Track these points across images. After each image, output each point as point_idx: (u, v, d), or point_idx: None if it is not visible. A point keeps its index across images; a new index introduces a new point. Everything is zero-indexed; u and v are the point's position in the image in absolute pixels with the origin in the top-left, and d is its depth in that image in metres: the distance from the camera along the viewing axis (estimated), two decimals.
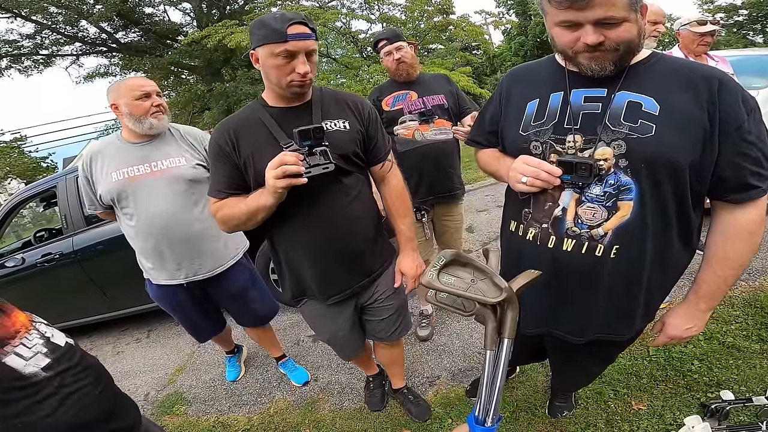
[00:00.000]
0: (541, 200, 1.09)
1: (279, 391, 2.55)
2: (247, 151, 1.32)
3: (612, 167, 0.97)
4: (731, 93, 0.91)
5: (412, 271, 1.62)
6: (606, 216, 1.00)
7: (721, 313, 2.29)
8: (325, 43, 12.16)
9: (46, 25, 13.89)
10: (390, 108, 2.31)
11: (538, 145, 1.08)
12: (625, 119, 0.95)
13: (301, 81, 1.27)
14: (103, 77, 16.37)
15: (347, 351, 1.88)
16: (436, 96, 2.31)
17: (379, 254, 1.61)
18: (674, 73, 0.96)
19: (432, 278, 0.74)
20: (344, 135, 1.39)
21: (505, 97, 1.21)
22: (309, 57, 1.26)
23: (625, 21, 0.87)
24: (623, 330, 1.18)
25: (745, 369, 1.90)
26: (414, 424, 2.06)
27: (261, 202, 1.24)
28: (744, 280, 2.54)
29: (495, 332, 0.76)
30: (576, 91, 1.02)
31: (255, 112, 1.37)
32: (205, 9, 15.83)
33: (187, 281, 2.06)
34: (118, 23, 14.90)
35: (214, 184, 1.38)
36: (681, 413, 1.75)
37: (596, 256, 1.03)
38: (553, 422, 1.87)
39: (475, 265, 0.76)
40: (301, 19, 1.22)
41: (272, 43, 1.20)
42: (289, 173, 1.15)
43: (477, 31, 12.31)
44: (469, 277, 0.75)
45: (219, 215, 1.37)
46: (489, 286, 0.74)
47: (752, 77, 3.49)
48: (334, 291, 1.54)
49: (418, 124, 2.27)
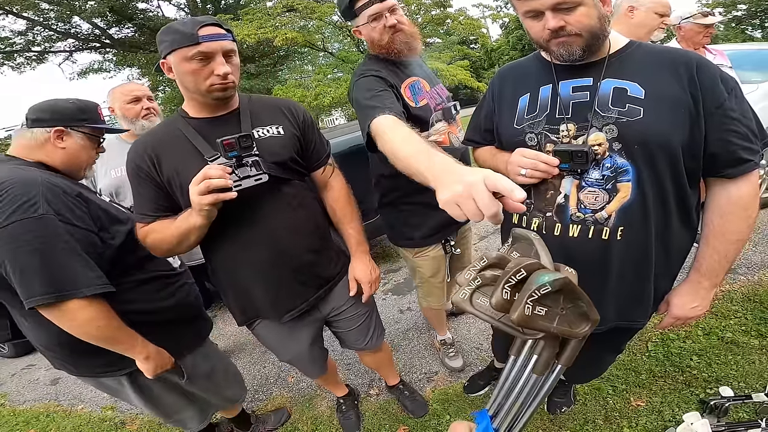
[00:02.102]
0: (542, 190, 1.12)
1: (276, 388, 2.54)
2: (169, 169, 1.21)
3: (607, 151, 1.01)
4: (710, 73, 0.96)
5: (367, 277, 1.51)
6: (608, 199, 1.03)
7: (719, 308, 2.29)
8: (322, 37, 12.08)
9: (38, 21, 13.73)
10: (415, 104, 1.60)
11: (533, 136, 1.12)
12: (613, 104, 1.00)
13: (223, 84, 1.17)
14: (96, 73, 16.25)
15: (312, 370, 1.79)
16: (441, 85, 1.79)
17: (331, 263, 1.51)
18: (654, 58, 1.01)
19: (529, 313, 0.55)
20: (278, 141, 1.30)
21: (497, 95, 1.26)
22: (228, 58, 1.17)
23: (581, 5, 0.93)
24: (639, 316, 1.19)
25: (744, 365, 1.90)
26: (411, 420, 2.05)
27: (190, 223, 1.15)
28: (743, 275, 2.54)
29: (552, 359, 0.67)
30: (564, 83, 1.07)
31: (176, 126, 1.26)
32: (199, 4, 15.71)
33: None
34: (111, 19, 14.72)
35: (138, 207, 1.27)
36: (680, 409, 1.74)
37: (603, 239, 1.05)
38: (551, 418, 1.86)
39: (574, 290, 0.59)
40: (214, 21, 1.15)
41: (184, 47, 1.11)
42: (214, 188, 1.06)
43: (475, 24, 12.24)
44: (559, 306, 0.58)
45: (148, 241, 1.25)
46: (577, 316, 0.60)
47: (750, 72, 3.48)
48: (288, 307, 1.43)
49: (447, 126, 1.70)
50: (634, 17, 2.01)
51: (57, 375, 3.37)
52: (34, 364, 3.69)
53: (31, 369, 3.62)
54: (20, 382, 3.44)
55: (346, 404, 2.16)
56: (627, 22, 2.02)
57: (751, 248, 2.80)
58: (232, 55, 1.19)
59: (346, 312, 1.59)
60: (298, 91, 10.29)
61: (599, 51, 1.03)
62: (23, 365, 3.72)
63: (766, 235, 2.92)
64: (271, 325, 1.51)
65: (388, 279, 3.61)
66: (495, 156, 1.27)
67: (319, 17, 10.61)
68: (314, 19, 10.84)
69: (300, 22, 11.03)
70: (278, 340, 1.60)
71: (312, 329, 1.59)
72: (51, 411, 2.90)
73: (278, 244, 1.33)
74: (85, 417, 2.74)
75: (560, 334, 0.60)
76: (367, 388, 2.35)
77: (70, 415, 2.82)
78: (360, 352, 1.83)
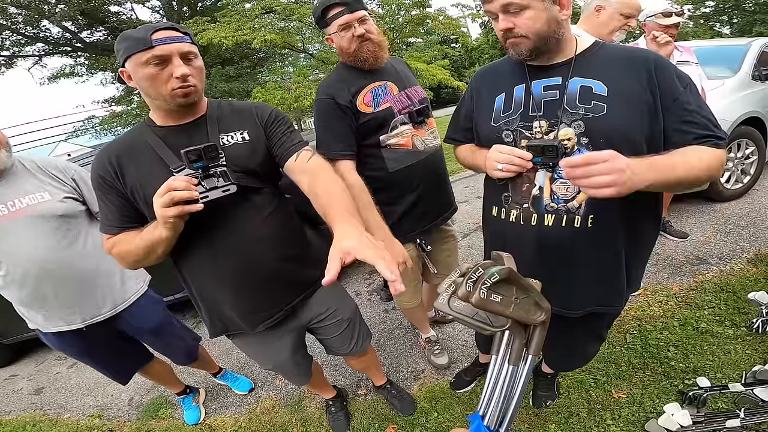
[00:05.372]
0: (519, 183, 1.19)
1: (265, 391, 2.54)
2: (133, 179, 1.17)
3: (575, 145, 1.08)
4: (667, 71, 1.04)
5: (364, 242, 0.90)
6: (577, 189, 1.10)
7: (693, 298, 2.37)
8: (302, 38, 12.00)
9: (6, 26, 13.33)
10: (374, 109, 1.63)
11: (509, 133, 1.19)
12: (579, 102, 1.07)
13: (184, 87, 1.12)
14: (68, 78, 15.81)
15: (296, 378, 1.77)
16: (417, 87, 1.78)
17: (309, 269, 1.45)
18: (616, 57, 1.09)
19: (484, 297, 0.67)
20: (244, 148, 1.25)
21: (475, 95, 1.33)
22: (187, 61, 1.13)
23: (528, 8, 1.01)
24: (614, 300, 1.24)
25: (720, 355, 1.96)
26: (400, 418, 2.07)
27: (155, 236, 1.12)
28: (715, 265, 2.63)
29: (521, 349, 0.76)
30: (536, 82, 1.15)
31: (141, 135, 1.22)
32: (175, 6, 15.45)
33: (86, 324, 1.82)
34: (82, 22, 14.35)
35: (104, 218, 1.24)
36: (660, 400, 1.79)
37: (575, 227, 1.13)
38: (537, 412, 1.90)
39: (521, 282, 0.72)
40: (169, 25, 1.12)
41: (138, 53, 1.08)
42: (178, 200, 1.02)
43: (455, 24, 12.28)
44: (513, 295, 0.71)
45: (114, 252, 1.23)
46: (531, 305, 0.72)
47: (717, 67, 3.60)
48: (262, 317, 1.40)
49: (413, 128, 1.71)
50: (599, 16, 2.06)
51: (40, 384, 3.31)
52: (17, 374, 3.62)
53: (14, 379, 3.55)
54: (3, 393, 3.38)
55: (335, 405, 2.16)
56: (592, 20, 2.08)
57: (723, 239, 2.90)
58: (191, 57, 1.14)
59: (327, 319, 1.57)
60: (279, 93, 10.18)
61: (561, 52, 1.12)
62: (6, 375, 3.65)
63: (737, 226, 3.03)
64: (245, 336, 1.49)
65: (372, 279, 3.62)
66: (474, 153, 1.35)
67: (298, 18, 10.51)
68: (293, 20, 10.75)
69: (279, 24, 10.94)
70: (257, 349, 1.58)
71: (292, 337, 1.56)
72: (37, 420, 2.86)
73: (248, 254, 1.29)
74: (72, 425, 2.69)
75: (519, 319, 0.72)
76: (355, 389, 2.36)
77: (57, 424, 2.77)
78: (346, 356, 1.82)
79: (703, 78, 2.67)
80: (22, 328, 3.55)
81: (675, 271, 2.67)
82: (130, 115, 14.92)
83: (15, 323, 3.50)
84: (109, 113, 15.66)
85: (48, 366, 3.61)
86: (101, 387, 3.05)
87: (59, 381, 3.31)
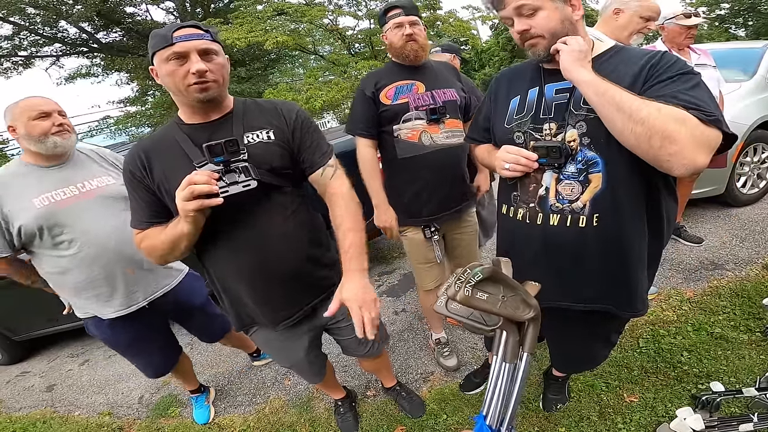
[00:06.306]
0: (527, 183, 1.22)
1: (274, 391, 2.55)
2: (159, 174, 1.20)
3: (578, 146, 1.11)
4: (664, 60, 1.01)
5: (360, 295, 1.20)
6: (581, 189, 1.12)
7: (708, 304, 2.33)
8: (313, 40, 12.07)
9: (24, 26, 13.57)
10: (391, 101, 1.86)
11: (520, 135, 1.22)
12: (584, 103, 1.07)
13: (200, 82, 1.14)
14: (84, 78, 16.06)
15: (311, 376, 1.79)
16: (447, 90, 1.92)
17: (329, 270, 1.46)
18: (628, 60, 1.08)
19: (468, 294, 0.71)
20: (268, 147, 1.26)
21: (494, 97, 1.36)
22: (207, 57, 1.15)
23: (540, 9, 1.04)
24: (620, 299, 1.22)
25: (734, 360, 1.94)
26: (409, 420, 2.07)
27: (178, 230, 1.14)
28: (730, 270, 2.59)
29: (516, 347, 0.79)
30: (549, 85, 1.17)
31: (169, 131, 1.26)
32: (189, 8, 15.60)
33: (149, 301, 1.90)
34: (98, 23, 14.54)
35: (134, 214, 1.27)
36: (672, 405, 1.77)
37: (581, 227, 1.14)
38: (547, 416, 1.89)
39: (507, 281, 0.75)
40: (191, 24, 1.15)
41: (161, 50, 1.12)
42: (198, 193, 1.04)
43: (465, 26, 12.29)
44: (500, 294, 0.74)
45: (143, 246, 1.27)
46: (519, 302, 0.76)
47: (733, 71, 3.55)
48: (283, 315, 1.43)
49: (426, 124, 1.87)
50: (618, 19, 2.04)
51: (52, 381, 3.35)
52: (29, 370, 3.67)
53: (25, 376, 3.60)
54: (15, 389, 3.42)
55: (344, 406, 2.16)
56: (611, 23, 2.06)
57: (738, 244, 2.86)
58: (211, 54, 1.16)
59: (346, 319, 1.55)
60: (290, 94, 10.24)
61: None
62: (17, 372, 3.70)
63: (752, 231, 2.98)
64: (267, 332, 1.50)
65: (382, 281, 3.62)
66: (490, 153, 1.38)
67: (309, 20, 10.60)
68: (304, 22, 10.83)
69: (290, 26, 11.01)
70: (276, 347, 1.60)
71: (309, 337, 1.58)
72: (48, 417, 2.89)
73: (269, 253, 1.31)
74: (83, 423, 2.72)
75: (507, 316, 0.75)
76: (364, 390, 2.36)
77: (67, 421, 2.80)
78: (360, 358, 1.83)
79: (720, 81, 2.63)
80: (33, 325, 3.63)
81: (689, 276, 2.64)
82: (143, 116, 15.12)
83: (26, 320, 3.60)
84: (123, 113, 15.89)
85: (60, 363, 3.66)
86: (112, 385, 3.08)
87: (71, 378, 3.35)
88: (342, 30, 12.09)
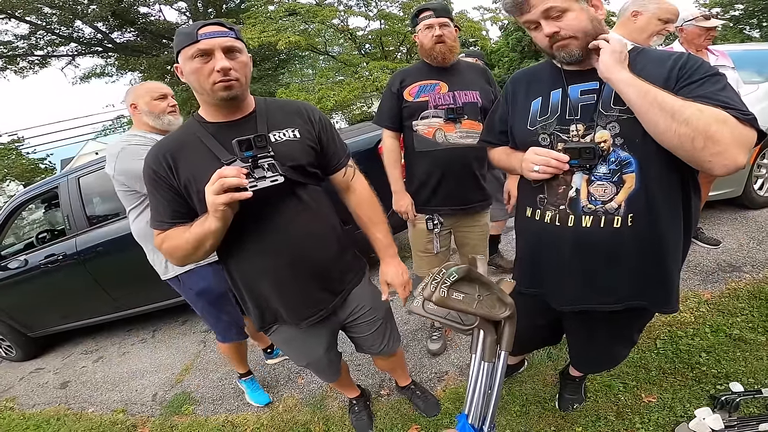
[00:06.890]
0: (554, 185, 1.21)
1: (287, 389, 2.56)
2: (186, 174, 1.20)
3: (611, 147, 1.10)
4: (693, 61, 1.02)
5: (399, 279, 1.53)
6: (615, 190, 1.11)
7: (726, 305, 2.31)
8: (324, 40, 12.12)
9: (41, 26, 13.78)
10: (413, 99, 2.00)
11: (545, 137, 1.21)
12: (614, 104, 1.08)
13: (225, 80, 1.14)
14: (99, 77, 16.31)
15: (328, 374, 1.79)
16: (469, 92, 2.01)
17: (348, 268, 1.52)
18: (652, 61, 1.08)
19: (444, 295, 0.72)
20: (294, 144, 1.28)
21: (510, 99, 1.35)
22: (231, 55, 1.16)
23: (568, 10, 1.05)
24: (657, 298, 1.21)
25: (752, 361, 1.92)
26: (423, 419, 2.07)
27: (206, 228, 1.14)
28: (748, 273, 2.56)
29: (494, 345, 0.80)
30: (573, 87, 1.16)
31: (192, 131, 1.25)
32: (201, 8, 15.75)
33: None
34: (113, 23, 14.74)
35: (155, 214, 1.27)
36: (691, 405, 1.76)
37: (615, 227, 1.13)
38: (563, 415, 1.88)
39: (482, 280, 0.76)
40: (216, 21, 1.15)
41: (185, 47, 1.13)
42: (228, 187, 1.05)
43: (475, 27, 12.28)
44: (475, 293, 0.75)
45: (164, 247, 1.26)
46: (494, 301, 0.76)
47: (749, 72, 3.50)
48: (307, 314, 1.43)
49: (442, 122, 1.98)
50: (636, 22, 2.03)
51: (66, 378, 3.40)
52: (43, 367, 3.72)
53: (39, 372, 3.65)
54: (29, 386, 3.47)
55: (358, 405, 2.16)
56: (629, 26, 2.05)
57: (755, 246, 2.83)
58: (235, 52, 1.17)
59: (363, 317, 1.59)
60: (302, 94, 10.31)
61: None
62: (31, 369, 3.76)
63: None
64: (288, 330, 1.50)
65: None
66: (510, 156, 1.36)
67: (320, 21, 10.65)
68: (316, 22, 10.88)
69: (301, 26, 11.07)
70: (296, 345, 1.60)
71: (328, 334, 1.59)
72: (61, 414, 2.93)
73: (297, 250, 1.32)
74: (96, 420, 2.76)
75: (483, 316, 0.76)
76: (378, 389, 2.37)
77: (81, 418, 2.84)
78: (375, 356, 1.83)
79: (739, 83, 2.61)
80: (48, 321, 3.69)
81: (706, 278, 2.62)
82: None
83: (41, 317, 3.66)
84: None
85: (74, 360, 3.71)
86: (125, 382, 3.12)
87: (85, 375, 3.39)
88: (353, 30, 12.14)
